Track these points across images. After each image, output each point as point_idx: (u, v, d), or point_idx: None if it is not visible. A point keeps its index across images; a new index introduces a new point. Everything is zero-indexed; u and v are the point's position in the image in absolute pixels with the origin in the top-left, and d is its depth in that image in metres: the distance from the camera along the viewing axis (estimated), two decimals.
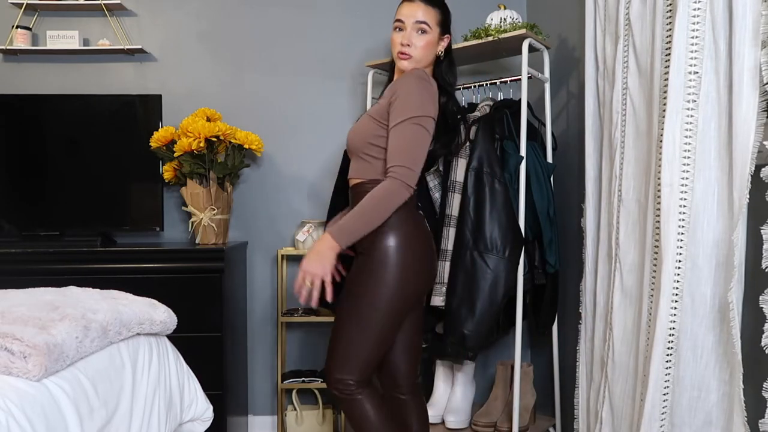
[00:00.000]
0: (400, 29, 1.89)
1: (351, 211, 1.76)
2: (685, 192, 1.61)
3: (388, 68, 2.05)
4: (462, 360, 2.53)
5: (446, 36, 1.94)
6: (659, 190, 1.66)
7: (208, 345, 2.46)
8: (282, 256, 2.89)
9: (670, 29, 1.69)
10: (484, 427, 2.44)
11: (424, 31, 1.87)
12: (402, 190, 1.72)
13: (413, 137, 1.75)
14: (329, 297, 1.72)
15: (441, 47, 1.93)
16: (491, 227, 2.15)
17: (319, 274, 1.71)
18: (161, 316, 1.76)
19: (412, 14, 1.87)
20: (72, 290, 1.76)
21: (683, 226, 1.61)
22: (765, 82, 1.44)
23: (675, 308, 1.62)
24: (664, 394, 1.65)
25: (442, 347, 2.25)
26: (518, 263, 2.20)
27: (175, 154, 2.63)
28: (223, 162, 2.72)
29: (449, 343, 2.19)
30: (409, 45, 1.86)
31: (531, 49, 2.31)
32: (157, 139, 2.67)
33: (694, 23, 1.58)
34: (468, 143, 2.27)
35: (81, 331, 1.40)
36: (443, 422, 2.53)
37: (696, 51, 1.58)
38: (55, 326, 1.36)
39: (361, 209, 1.73)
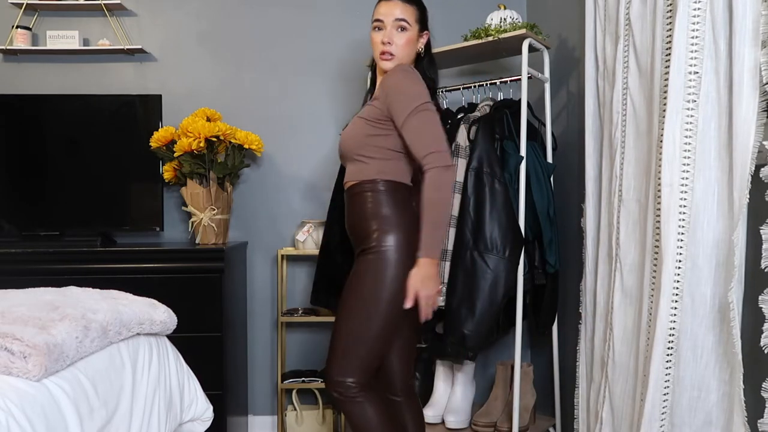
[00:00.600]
0: (380, 28, 1.89)
1: (423, 224, 1.73)
2: (685, 192, 1.61)
3: (371, 68, 2.04)
4: (462, 360, 2.52)
5: (425, 32, 1.95)
6: (659, 190, 1.66)
7: (208, 345, 2.46)
8: (282, 256, 2.89)
9: (670, 29, 1.69)
10: (484, 427, 2.44)
11: (403, 29, 1.87)
12: (444, 173, 1.72)
13: (426, 123, 1.76)
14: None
15: (421, 44, 1.94)
16: (491, 227, 2.15)
17: (438, 292, 1.79)
18: (161, 316, 1.76)
19: (390, 12, 1.87)
20: (72, 290, 1.76)
21: (683, 226, 1.61)
22: (765, 82, 1.44)
23: (675, 308, 1.62)
24: (664, 394, 1.65)
25: (442, 347, 2.24)
26: (518, 263, 2.20)
27: (175, 154, 2.63)
28: (223, 162, 2.72)
29: (449, 343, 2.19)
30: (390, 43, 1.86)
31: (531, 49, 2.31)
32: (157, 139, 2.67)
33: (694, 23, 1.58)
34: (468, 143, 2.27)
35: (81, 331, 1.40)
36: (443, 422, 2.53)
37: (696, 51, 1.58)
38: (55, 326, 1.36)
39: (429, 217, 1.72)
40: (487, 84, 2.52)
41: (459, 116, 2.42)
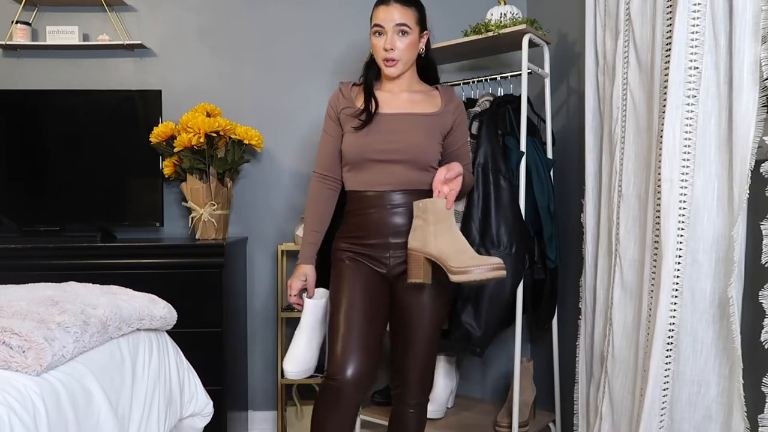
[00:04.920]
0: (380, 33, 1.87)
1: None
2: (685, 187, 1.61)
3: (364, 71, 2.00)
4: (468, 355, 2.52)
5: (425, 33, 1.94)
6: (659, 186, 1.65)
7: (208, 340, 2.46)
8: (282, 251, 2.89)
9: (670, 24, 1.69)
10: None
11: (405, 33, 1.85)
12: None
13: None
14: None
15: (422, 45, 1.94)
16: (497, 224, 2.16)
17: None
18: (161, 311, 1.76)
19: (390, 17, 1.84)
20: (72, 286, 1.76)
21: (683, 222, 1.61)
22: (765, 77, 1.44)
23: (675, 303, 1.62)
24: (664, 390, 1.65)
25: (447, 343, 2.24)
26: (524, 259, 2.20)
27: (175, 150, 2.63)
28: (223, 157, 2.71)
29: (454, 340, 2.19)
30: (392, 49, 1.85)
31: (531, 44, 2.30)
32: (157, 134, 2.67)
33: (694, 18, 1.58)
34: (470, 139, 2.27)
35: (80, 326, 1.40)
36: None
37: (696, 46, 1.58)
38: (53, 321, 1.36)
39: None
40: (486, 79, 2.52)
41: None
